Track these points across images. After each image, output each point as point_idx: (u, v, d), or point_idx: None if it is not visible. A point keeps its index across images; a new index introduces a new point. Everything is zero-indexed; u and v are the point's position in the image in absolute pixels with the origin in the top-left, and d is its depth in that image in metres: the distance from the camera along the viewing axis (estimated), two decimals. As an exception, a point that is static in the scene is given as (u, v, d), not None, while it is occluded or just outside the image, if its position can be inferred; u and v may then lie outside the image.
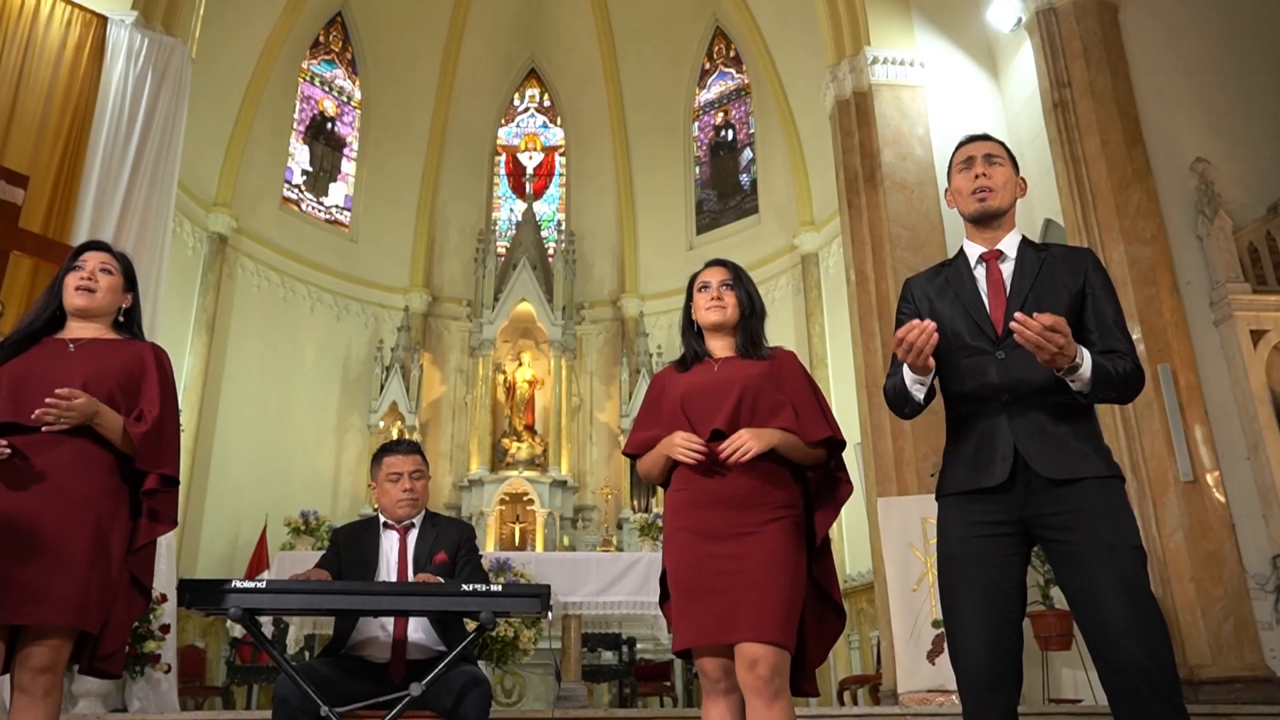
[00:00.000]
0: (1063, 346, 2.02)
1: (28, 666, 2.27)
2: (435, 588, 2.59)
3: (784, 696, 2.26)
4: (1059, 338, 2.01)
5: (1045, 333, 2.01)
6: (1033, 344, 2.02)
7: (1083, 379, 2.10)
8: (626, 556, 5.83)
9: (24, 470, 2.32)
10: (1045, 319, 2.02)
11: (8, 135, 6.69)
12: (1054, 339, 2.01)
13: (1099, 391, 2.13)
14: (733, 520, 2.37)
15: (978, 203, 2.35)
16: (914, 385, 2.27)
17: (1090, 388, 2.11)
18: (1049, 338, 2.01)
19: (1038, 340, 2.01)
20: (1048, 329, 2.01)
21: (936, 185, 7.96)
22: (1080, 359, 2.08)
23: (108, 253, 2.65)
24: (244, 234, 11.06)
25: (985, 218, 2.35)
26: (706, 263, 2.69)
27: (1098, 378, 2.10)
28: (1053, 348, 2.02)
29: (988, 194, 2.34)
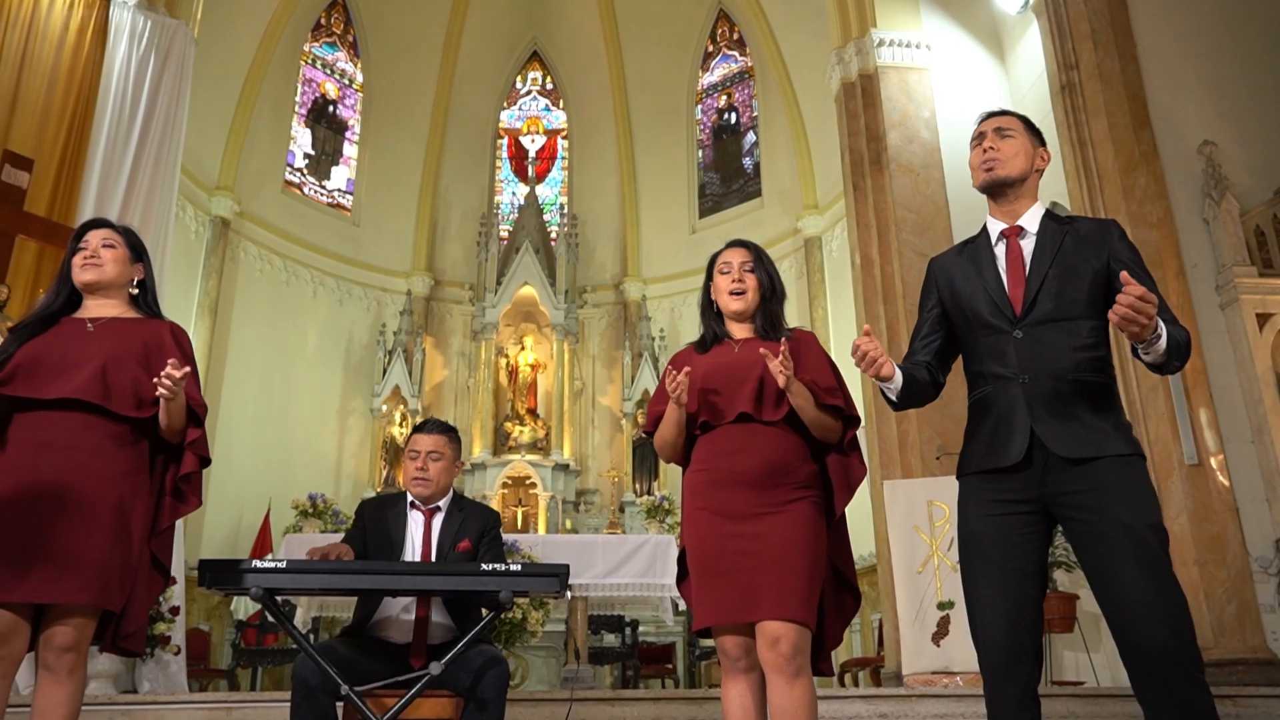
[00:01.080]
0: (1152, 317, 1.99)
1: (52, 645, 2.28)
2: (455, 567, 2.61)
3: (805, 675, 2.28)
4: (1150, 308, 1.97)
5: (1138, 303, 1.96)
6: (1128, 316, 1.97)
7: (1158, 350, 2.06)
8: (633, 539, 5.85)
9: (49, 449, 2.33)
10: (1136, 290, 1.97)
11: (11, 118, 6.67)
12: (1146, 309, 1.96)
13: (1170, 362, 2.09)
14: (754, 500, 2.38)
15: (985, 173, 2.34)
16: (885, 387, 2.32)
17: (1165, 357, 2.08)
18: (1140, 308, 1.96)
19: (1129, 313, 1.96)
20: (1139, 299, 1.96)
21: (942, 168, 7.95)
22: (1159, 329, 2.04)
23: (108, 228, 2.65)
24: (246, 218, 11.04)
25: (995, 187, 2.35)
26: (728, 243, 2.69)
27: (1171, 346, 2.07)
28: (1144, 319, 1.97)
29: (994, 163, 2.33)
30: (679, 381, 2.41)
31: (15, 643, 2.26)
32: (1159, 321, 2.04)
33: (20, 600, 2.23)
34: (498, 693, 2.66)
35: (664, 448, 2.59)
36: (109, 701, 4.59)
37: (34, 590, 2.23)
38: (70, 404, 2.36)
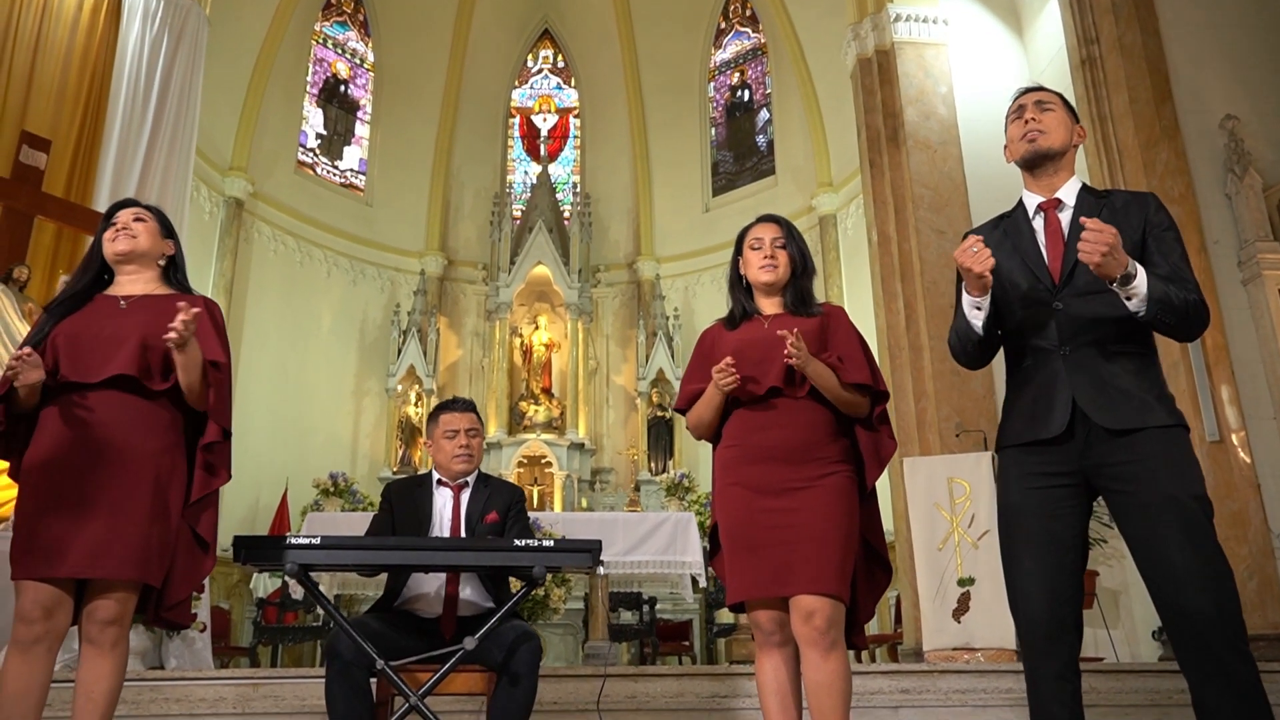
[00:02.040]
0: (1111, 246, 1.99)
1: (95, 619, 2.31)
2: (488, 543, 2.62)
3: (840, 648, 2.29)
4: (1106, 237, 1.99)
5: (1093, 234, 1.99)
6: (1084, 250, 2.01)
7: (1138, 294, 2.06)
8: (653, 516, 5.86)
9: (85, 427, 2.34)
10: (1090, 222, 2.01)
11: (28, 99, 6.68)
12: (1100, 239, 1.98)
13: (1156, 311, 2.08)
14: (786, 475, 2.38)
15: (1028, 144, 2.33)
16: (971, 310, 2.26)
17: (1147, 306, 2.07)
18: (1095, 237, 1.99)
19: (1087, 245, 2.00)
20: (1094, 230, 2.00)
21: (960, 144, 7.89)
22: (1133, 268, 2.05)
23: (138, 206, 2.66)
24: (260, 198, 11.04)
25: (1037, 159, 2.34)
26: (758, 218, 2.68)
27: (1155, 295, 2.06)
28: (1102, 247, 1.98)
29: (1037, 135, 2.32)
30: (729, 378, 2.38)
31: (59, 617, 2.29)
32: (1131, 262, 2.06)
33: (65, 575, 2.26)
34: (530, 668, 2.67)
35: (698, 427, 2.59)
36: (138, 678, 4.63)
37: (77, 565, 2.25)
38: (108, 381, 2.38)
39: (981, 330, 2.27)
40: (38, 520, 2.28)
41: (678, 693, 4.45)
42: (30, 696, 2.24)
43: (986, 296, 2.22)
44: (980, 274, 2.15)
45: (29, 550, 2.26)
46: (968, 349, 2.34)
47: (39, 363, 2.32)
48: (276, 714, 4.35)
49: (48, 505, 2.29)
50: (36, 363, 2.31)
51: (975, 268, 2.14)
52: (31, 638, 2.25)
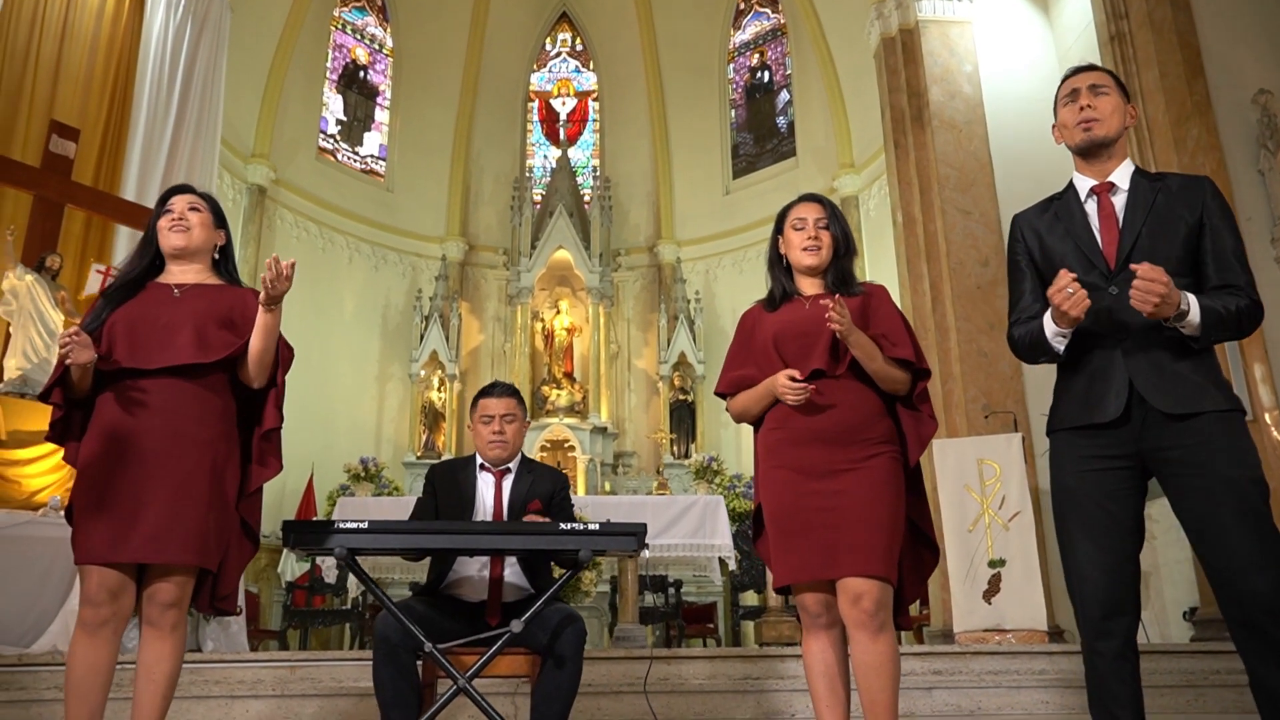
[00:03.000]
0: (1164, 296, 2.00)
1: (156, 602, 2.35)
2: (534, 527, 2.64)
3: (888, 630, 2.29)
4: (1158, 287, 1.99)
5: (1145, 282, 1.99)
6: (1137, 298, 2.01)
7: (1192, 325, 2.08)
8: (682, 499, 5.88)
9: (144, 414, 2.37)
10: (1143, 268, 2.00)
11: (55, 88, 6.73)
12: (1153, 289, 1.98)
13: (1211, 334, 2.10)
14: (832, 457, 2.38)
15: (1083, 133, 2.30)
16: (1055, 338, 2.23)
17: (1201, 332, 2.09)
18: (1146, 287, 1.99)
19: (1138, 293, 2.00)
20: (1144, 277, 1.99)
21: (985, 124, 7.83)
22: (1186, 304, 2.06)
23: (193, 193, 2.67)
24: (282, 185, 11.07)
25: (1092, 147, 2.31)
26: (800, 197, 2.66)
27: (1208, 321, 2.08)
28: (1154, 298, 1.99)
29: (1093, 123, 2.29)
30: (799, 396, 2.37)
31: (124, 601, 2.33)
32: (1184, 298, 2.05)
33: (128, 560, 2.29)
34: (575, 650, 2.69)
35: (742, 415, 2.59)
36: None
37: (139, 550, 2.28)
38: (164, 368, 2.40)
39: (1064, 353, 2.25)
40: (100, 506, 2.31)
41: (710, 674, 4.48)
42: (98, 677, 2.29)
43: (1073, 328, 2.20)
44: (1076, 317, 2.12)
45: (93, 535, 2.30)
46: (1039, 358, 2.32)
47: (89, 343, 2.34)
48: (314, 695, 4.40)
49: (109, 491, 2.32)
50: (87, 343, 2.33)
51: (1072, 311, 2.10)
52: (98, 620, 2.29)
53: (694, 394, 11.35)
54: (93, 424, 2.41)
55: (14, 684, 4.27)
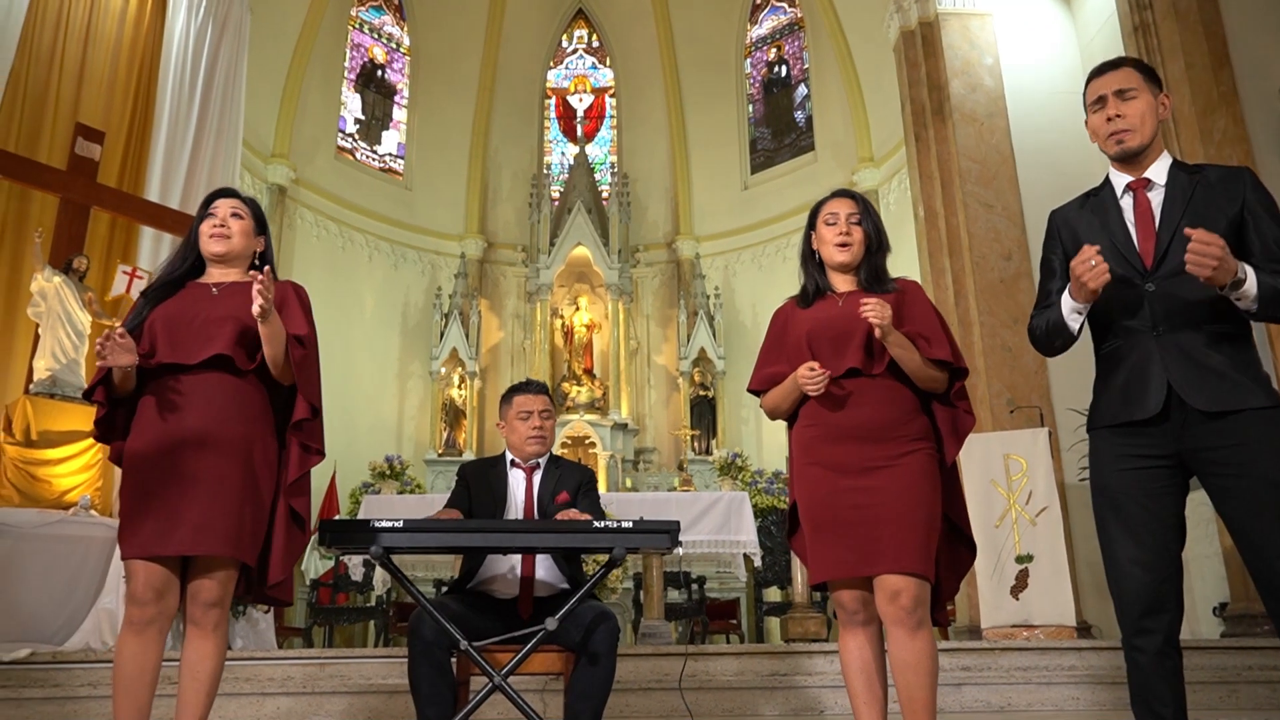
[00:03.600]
0: (1220, 260, 1.97)
1: (199, 601, 2.37)
2: (568, 524, 2.64)
3: (926, 626, 2.29)
4: (1214, 249, 1.96)
5: (1200, 245, 1.97)
6: (1192, 262, 1.99)
7: (1248, 295, 2.05)
8: (706, 496, 5.87)
9: (185, 409, 2.40)
10: (1197, 233, 1.98)
11: (80, 91, 6.77)
12: (1208, 251, 1.96)
13: (1268, 308, 2.07)
14: (867, 454, 2.37)
15: (1116, 145, 2.27)
16: (1071, 314, 2.23)
17: (1258, 305, 2.06)
18: (1203, 250, 1.97)
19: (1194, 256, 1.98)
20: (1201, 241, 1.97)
21: (1007, 117, 7.78)
22: (1243, 273, 2.03)
23: (237, 198, 2.69)
24: (302, 184, 11.12)
25: (1126, 158, 2.29)
26: (832, 193, 2.65)
27: (1265, 294, 2.04)
28: (1211, 261, 1.96)
29: (1125, 134, 2.27)
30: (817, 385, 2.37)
31: (169, 598, 2.35)
32: (1241, 266, 2.03)
33: (172, 552, 2.31)
34: (609, 647, 2.70)
35: (774, 411, 2.58)
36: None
37: (182, 543, 2.31)
38: (204, 364, 2.42)
39: (1078, 331, 2.26)
40: (145, 501, 2.34)
41: (738, 671, 4.48)
42: (145, 675, 2.32)
43: (1090, 304, 2.20)
44: (1095, 289, 2.12)
45: (137, 531, 2.32)
46: (1055, 343, 2.32)
47: (131, 346, 2.36)
48: (343, 693, 4.43)
49: (153, 486, 2.34)
50: (129, 346, 2.35)
51: (1091, 283, 2.10)
52: (145, 619, 2.32)
53: (714, 390, 11.34)
54: (135, 422, 2.44)
55: (49, 681, 4.32)
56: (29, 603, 5.00)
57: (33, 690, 4.29)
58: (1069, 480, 6.25)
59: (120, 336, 2.32)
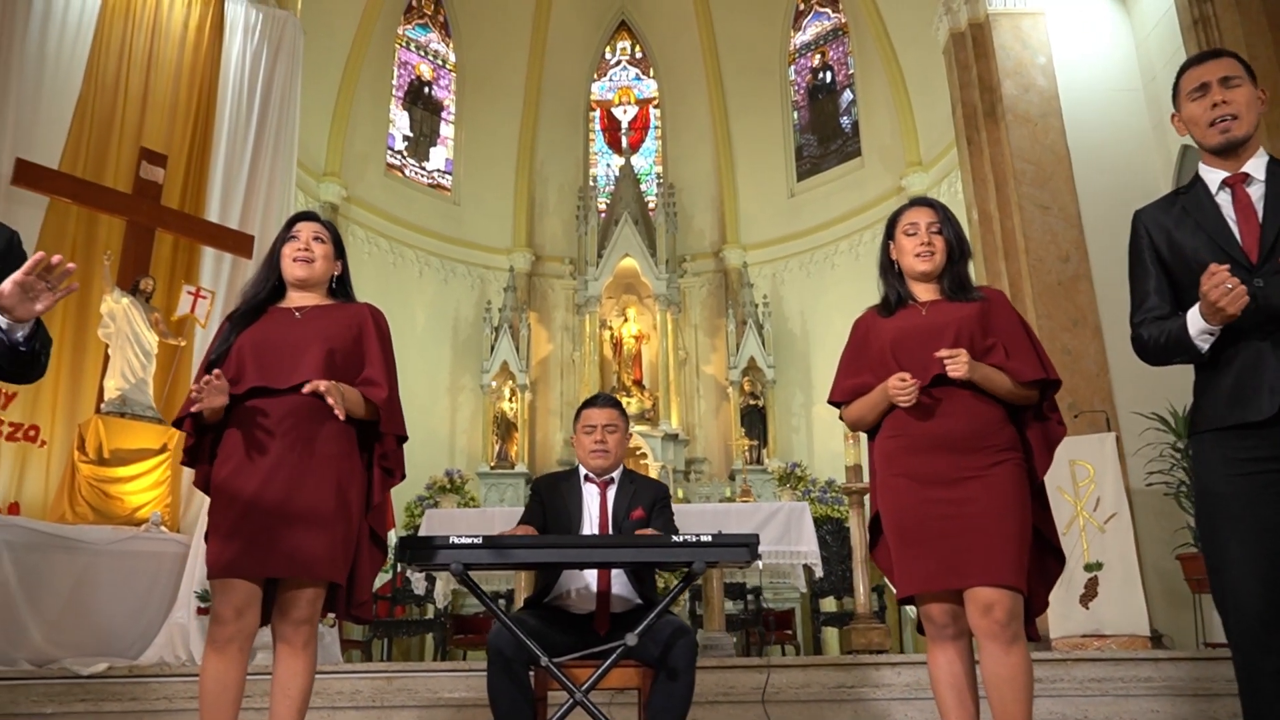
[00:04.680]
0: None
1: (290, 619, 2.40)
2: (646, 539, 2.64)
3: (1021, 641, 2.25)
4: None
5: None
6: None
7: None
8: (766, 506, 5.83)
9: (274, 433, 2.43)
10: None
11: (143, 116, 6.92)
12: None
13: None
14: (955, 465, 2.33)
15: (1220, 135, 2.20)
16: (1202, 336, 2.13)
17: None
18: None
19: None
20: None
21: (1062, 116, 7.66)
22: None
23: (318, 222, 2.73)
24: (353, 202, 11.28)
25: (1230, 148, 2.22)
26: (911, 201, 2.62)
27: None
28: None
29: (1231, 122, 2.20)
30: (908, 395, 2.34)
31: (250, 615, 2.39)
32: None
33: (259, 575, 2.35)
34: (688, 662, 2.69)
35: (858, 423, 2.55)
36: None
37: (273, 565, 2.34)
38: (292, 387, 2.46)
39: (1207, 352, 2.16)
40: (234, 523, 2.38)
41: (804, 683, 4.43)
42: (229, 693, 2.35)
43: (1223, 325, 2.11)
44: (1232, 315, 2.02)
45: (225, 552, 2.36)
46: (1173, 360, 2.24)
47: (226, 388, 2.41)
48: (411, 706, 4.46)
49: (242, 509, 2.38)
50: (224, 388, 2.40)
51: (1230, 308, 2.01)
52: (225, 637, 2.35)
53: (764, 399, 11.28)
54: (223, 445, 2.48)
55: (127, 694, 4.40)
56: (104, 618, 5.10)
57: (111, 704, 4.37)
58: (1135, 485, 6.12)
59: (217, 378, 2.37)
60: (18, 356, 2.00)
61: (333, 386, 2.39)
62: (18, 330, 1.97)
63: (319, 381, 2.38)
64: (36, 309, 1.94)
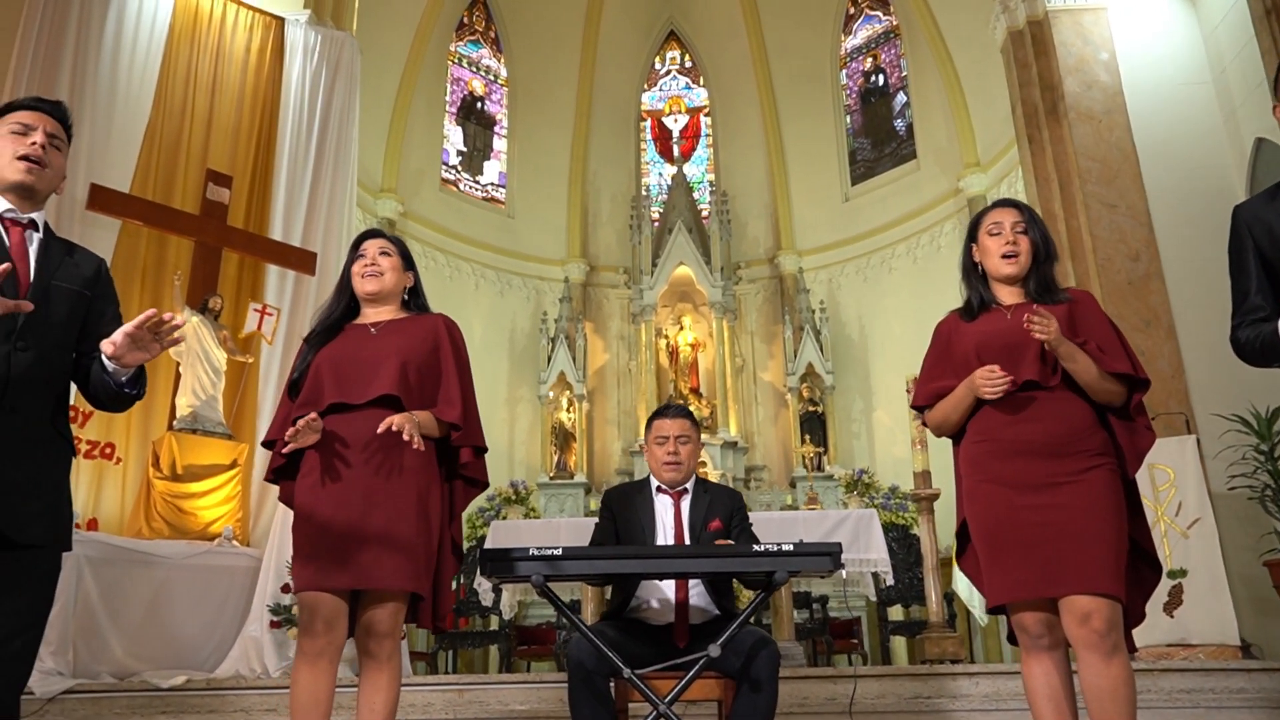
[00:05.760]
0: None
1: (373, 632, 2.42)
2: (726, 549, 2.61)
3: (1122, 651, 2.17)
4: None
5: None
6: None
7: None
8: (834, 514, 5.75)
9: (355, 447, 2.45)
10: None
11: (209, 139, 7.07)
12: None
13: None
14: (1047, 470, 2.27)
15: None
16: None
17: None
18: None
19: None
20: None
21: (1127, 113, 7.49)
22: None
23: (382, 237, 2.76)
24: (410, 217, 11.42)
25: None
26: (995, 203, 2.57)
27: None
28: None
29: None
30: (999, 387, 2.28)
31: (340, 629, 2.40)
32: None
33: (346, 586, 2.37)
34: (771, 673, 2.65)
35: (942, 425, 2.50)
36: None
37: (357, 577, 2.36)
38: (371, 401, 2.48)
39: None
40: (319, 537, 2.40)
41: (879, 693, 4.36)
42: (319, 706, 2.36)
43: None
44: None
45: (310, 564, 2.38)
46: (1272, 362, 2.15)
47: (319, 427, 2.45)
48: (483, 719, 4.48)
49: (326, 522, 2.40)
50: (318, 428, 2.45)
51: None
52: (316, 650, 2.37)
53: (824, 405, 11.16)
54: (305, 461, 2.50)
55: (205, 706, 4.48)
56: (181, 631, 5.20)
57: (190, 716, 4.45)
58: (1216, 489, 5.93)
59: (313, 421, 2.42)
60: (121, 396, 2.16)
61: (406, 420, 2.40)
62: (123, 374, 2.11)
63: (391, 418, 2.41)
64: (142, 358, 2.08)
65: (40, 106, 2.19)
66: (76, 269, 2.16)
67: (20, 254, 2.07)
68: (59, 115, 2.22)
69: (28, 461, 1.98)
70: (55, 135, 2.19)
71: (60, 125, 2.21)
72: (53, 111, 2.20)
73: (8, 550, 1.92)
